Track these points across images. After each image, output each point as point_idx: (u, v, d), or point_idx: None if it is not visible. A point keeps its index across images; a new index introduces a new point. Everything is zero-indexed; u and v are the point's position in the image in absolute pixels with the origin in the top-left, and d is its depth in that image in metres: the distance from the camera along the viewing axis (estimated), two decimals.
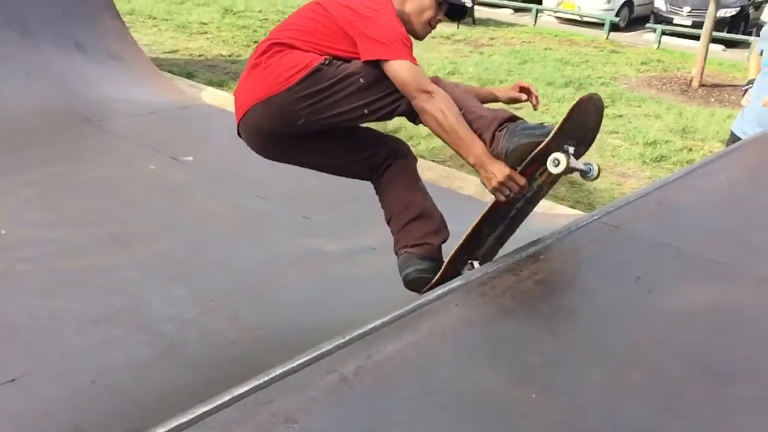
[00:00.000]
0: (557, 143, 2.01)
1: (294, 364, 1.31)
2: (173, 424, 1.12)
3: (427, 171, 5.81)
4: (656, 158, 6.59)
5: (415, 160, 2.60)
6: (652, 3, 14.50)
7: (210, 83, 7.73)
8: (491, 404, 1.29)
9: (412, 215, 2.43)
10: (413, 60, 2.19)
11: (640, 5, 15.10)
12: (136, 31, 9.68)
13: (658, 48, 12.31)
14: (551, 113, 7.90)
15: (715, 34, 10.31)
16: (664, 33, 12.65)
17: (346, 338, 1.43)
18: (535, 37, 12.59)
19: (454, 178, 5.71)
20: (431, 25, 2.41)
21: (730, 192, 2.56)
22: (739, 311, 1.75)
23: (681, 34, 12.88)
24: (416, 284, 2.35)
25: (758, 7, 14.12)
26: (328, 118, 2.24)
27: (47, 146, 5.20)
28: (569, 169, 2.02)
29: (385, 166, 2.51)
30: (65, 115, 5.71)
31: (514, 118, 2.17)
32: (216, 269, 3.82)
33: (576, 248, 1.99)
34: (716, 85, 9.65)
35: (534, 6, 14.64)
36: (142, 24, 10.90)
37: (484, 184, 2.14)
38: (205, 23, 11.39)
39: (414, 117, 2.26)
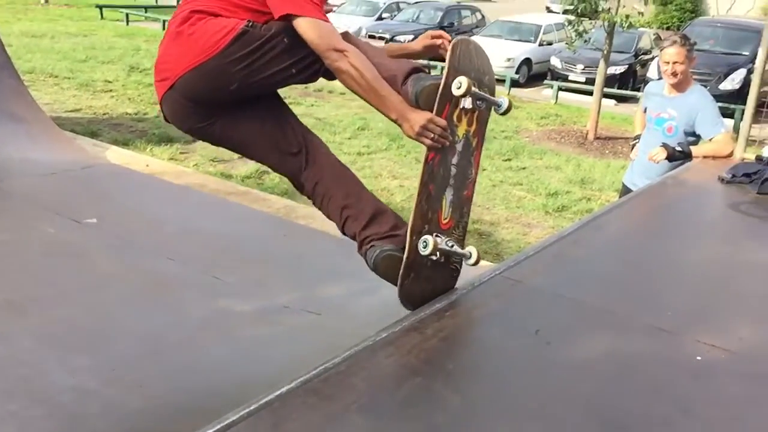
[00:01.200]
0: (454, 76, 2.14)
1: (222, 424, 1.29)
2: None
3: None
4: (558, 208, 6.89)
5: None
6: (549, 61, 15.35)
7: (114, 142, 7.57)
8: None
9: (367, 214, 2.36)
10: (324, 17, 2.17)
11: (538, 63, 15.94)
12: (37, 90, 9.40)
13: (555, 103, 12.99)
14: None
15: (607, 89, 11.00)
16: (560, 89, 13.38)
17: (252, 407, 1.42)
18: None
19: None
20: None
21: (621, 243, 2.72)
22: (632, 360, 1.84)
23: (576, 90, 13.65)
24: (385, 265, 2.23)
25: (644, 65, 15.17)
26: (259, 81, 2.21)
27: None
28: (474, 95, 2.12)
29: (309, 163, 2.43)
30: None
31: (417, 69, 2.24)
32: (120, 335, 3.67)
33: (479, 304, 2.05)
34: (610, 138, 10.25)
35: (439, 63, 15.20)
36: (43, 83, 10.59)
37: (408, 135, 2.16)
38: (109, 81, 11.18)
39: (333, 75, 2.24)
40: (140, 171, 6.55)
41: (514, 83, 14.06)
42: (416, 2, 21.75)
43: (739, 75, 12.74)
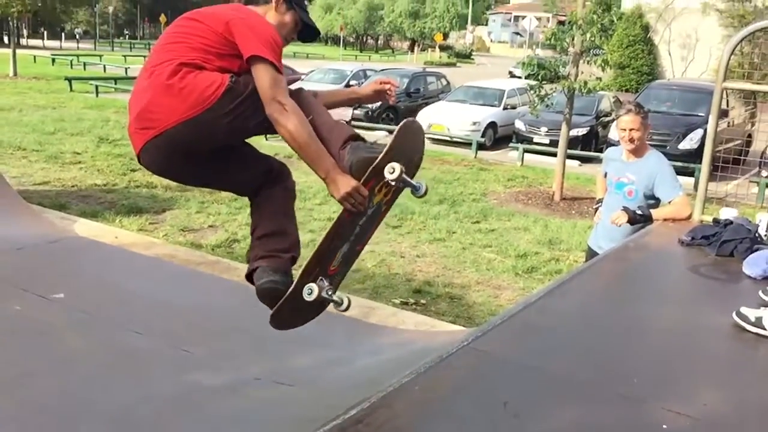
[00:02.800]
0: (390, 157, 2.29)
1: None
2: None
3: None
4: (528, 270, 6.98)
5: (294, 184, 2.78)
6: (513, 124, 15.76)
7: (83, 214, 7.53)
8: None
9: (271, 230, 2.62)
10: (280, 66, 2.31)
11: (503, 126, 16.36)
12: (4, 164, 9.38)
13: (521, 165, 13.28)
14: (428, 230, 8.24)
15: (570, 151, 11.30)
16: (525, 151, 13.70)
17: None
18: None
19: None
20: (286, 40, 2.55)
21: (587, 309, 2.77)
22: (599, 430, 1.87)
23: (541, 152, 13.99)
24: (268, 294, 2.49)
25: (605, 126, 15.66)
26: (241, 131, 2.43)
27: None
28: (401, 180, 2.29)
29: (266, 186, 2.65)
30: None
31: (356, 137, 2.41)
32: (87, 415, 3.59)
33: (448, 376, 2.07)
34: (576, 198, 10.47)
35: (377, 128, 15.53)
36: (11, 156, 10.56)
37: (332, 196, 2.34)
38: (78, 153, 11.19)
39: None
40: (109, 243, 6.51)
41: (481, 146, 14.38)
42: (382, 69, 22.31)
43: (696, 135, 13.20)
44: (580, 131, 14.55)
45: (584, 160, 13.71)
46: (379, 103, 17.99)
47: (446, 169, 12.22)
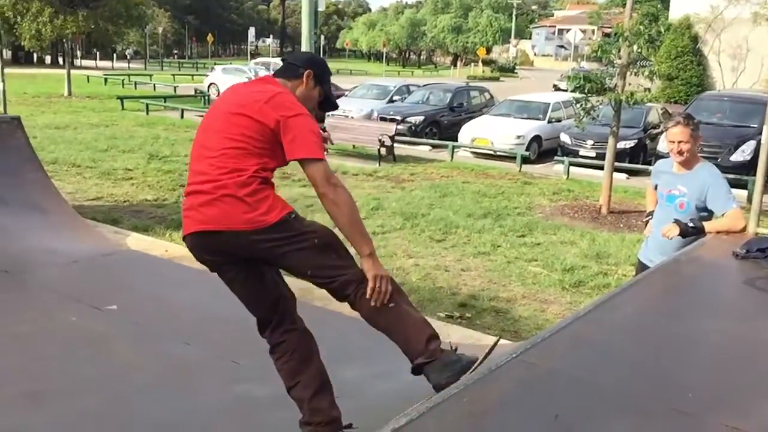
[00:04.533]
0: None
1: None
2: None
3: None
4: (575, 284, 6.88)
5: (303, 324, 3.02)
6: (559, 137, 15.61)
7: (135, 229, 7.72)
8: None
9: (315, 387, 2.89)
10: (324, 157, 2.59)
11: (548, 139, 16.21)
12: (60, 180, 9.68)
13: (567, 178, 13.12)
14: (473, 244, 8.20)
15: (618, 164, 11.13)
16: (571, 164, 13.55)
17: None
18: (452, 172, 13.23)
19: None
20: (310, 111, 2.74)
21: (638, 323, 2.72)
22: None
23: (587, 165, 13.81)
24: None
25: (653, 139, 15.39)
26: (280, 261, 2.62)
27: None
28: None
29: (285, 330, 2.92)
30: None
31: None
32: (139, 424, 3.68)
33: (497, 388, 2.06)
34: (623, 212, 10.30)
35: (450, 143, 15.50)
36: (66, 172, 10.91)
37: (366, 269, 2.58)
38: (130, 169, 11.50)
39: (339, 297, 2.70)
40: (160, 256, 6.67)
41: (525, 160, 14.27)
42: (426, 85, 22.35)
43: (749, 146, 12.87)
44: (628, 144, 14.32)
45: (632, 173, 13.49)
46: (422, 118, 18.05)
47: (490, 183, 12.16)
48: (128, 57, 52.63)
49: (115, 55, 51.35)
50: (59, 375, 4.10)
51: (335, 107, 2.99)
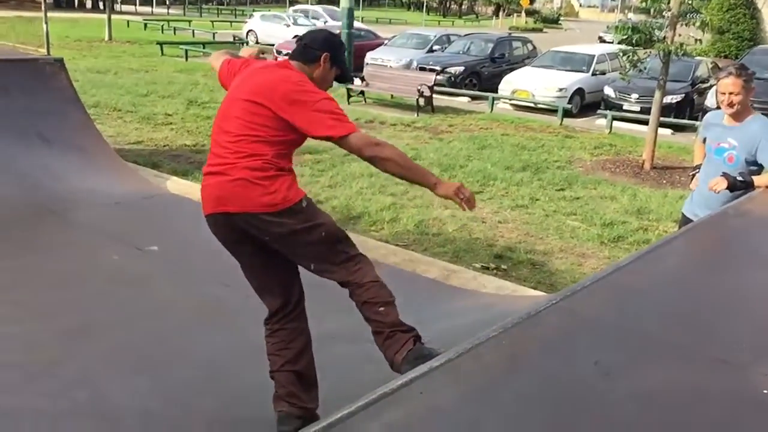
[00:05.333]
0: None
1: None
2: None
3: (391, 256, 5.89)
4: (614, 239, 6.78)
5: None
6: (602, 91, 15.22)
7: (174, 173, 7.80)
8: None
9: (302, 372, 2.97)
10: (355, 127, 2.65)
11: (590, 92, 15.81)
12: (102, 123, 9.80)
13: (609, 133, 12.83)
14: (511, 196, 8.12)
15: (663, 119, 10.83)
16: (614, 118, 13.22)
17: (317, 427, 1.45)
18: (492, 124, 13.04)
19: (418, 262, 5.79)
20: (327, 89, 2.85)
21: (682, 275, 2.67)
22: (696, 393, 1.81)
23: (631, 120, 13.48)
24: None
25: (701, 94, 14.90)
26: (288, 247, 2.70)
27: (8, 239, 5.16)
28: None
29: (289, 320, 2.99)
30: (29, 208, 5.70)
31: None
32: (180, 359, 3.78)
33: (536, 333, 2.05)
34: (667, 168, 10.06)
35: (490, 94, 15.24)
36: (107, 116, 11.03)
37: (447, 195, 2.69)
38: (169, 114, 11.58)
39: (342, 285, 2.82)
40: (198, 200, 6.74)
41: (567, 113, 13.97)
42: (467, 34, 21.89)
43: None
44: (674, 98, 13.91)
45: (677, 128, 13.13)
46: (462, 68, 17.74)
47: (530, 136, 11.97)
48: (167, 3, 52.59)
49: (154, 1, 51.31)
50: (102, 311, 4.21)
51: (350, 80, 3.09)
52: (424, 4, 55.02)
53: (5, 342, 3.68)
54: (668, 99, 12.45)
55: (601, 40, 31.95)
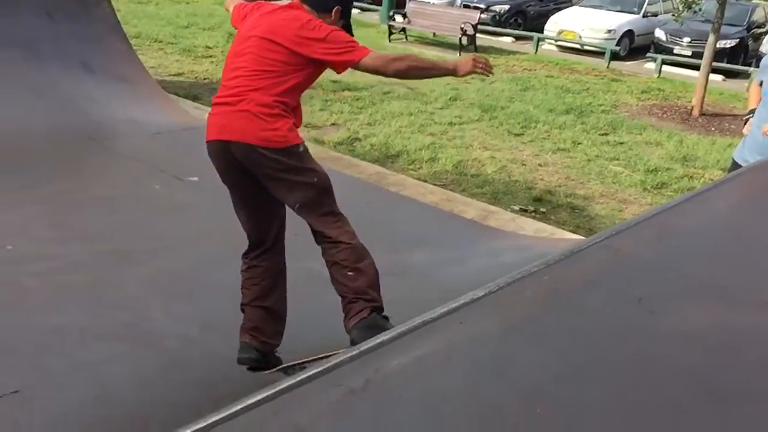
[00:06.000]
0: None
1: (302, 377, 1.33)
2: (187, 431, 1.13)
3: (429, 195, 5.86)
4: (657, 185, 6.64)
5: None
6: (653, 33, 14.67)
7: None
8: (497, 418, 1.31)
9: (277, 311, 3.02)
10: (370, 50, 2.70)
11: (640, 35, 15.25)
12: (143, 54, 9.78)
13: (658, 77, 12.43)
14: (552, 139, 7.97)
15: (715, 64, 10.43)
16: (664, 62, 12.78)
17: (353, 352, 1.45)
18: (536, 65, 12.72)
19: (456, 201, 5.75)
20: None
21: (731, 218, 2.59)
22: (740, 334, 1.77)
23: (681, 64, 13.02)
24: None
25: (757, 39, 14.28)
26: (276, 187, 2.72)
27: (53, 165, 5.24)
28: None
29: (268, 258, 3.01)
30: (70, 134, 5.76)
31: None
32: (217, 288, 3.83)
33: (579, 270, 2.01)
34: (716, 115, 9.74)
35: (535, 34, 14.81)
36: (149, 47, 11.02)
37: (466, 73, 2.76)
38: (210, 47, 11.51)
39: (316, 240, 2.84)
40: None
41: (614, 56, 13.54)
42: None
43: None
44: (728, 43, 13.36)
45: (729, 74, 12.64)
46: (507, 7, 17.22)
47: (575, 78, 11.65)
48: None
49: None
50: (144, 237, 4.28)
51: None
52: None
53: (51, 263, 3.77)
54: (722, 43, 11.96)
55: None
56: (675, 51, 13.77)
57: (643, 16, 15.67)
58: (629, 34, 15.18)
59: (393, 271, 4.27)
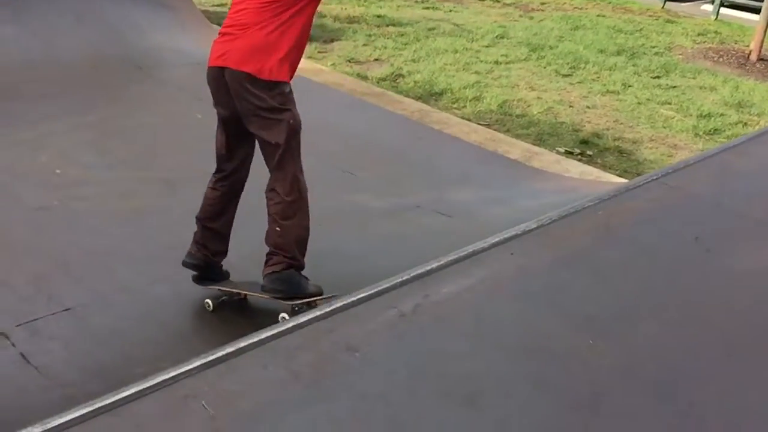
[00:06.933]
0: None
1: (354, 298, 1.32)
2: (241, 344, 1.14)
3: (472, 134, 5.77)
4: (709, 131, 6.42)
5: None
6: None
7: None
8: (548, 347, 1.29)
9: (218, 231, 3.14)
10: None
11: None
12: None
13: (716, 19, 11.88)
14: (602, 81, 7.74)
15: None
16: (722, 4, 12.20)
17: (404, 278, 1.44)
18: (587, 4, 12.26)
19: (500, 141, 5.66)
20: None
21: None
22: None
23: (740, 6, 12.42)
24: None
25: None
26: (252, 120, 2.81)
27: (98, 92, 5.28)
28: None
29: (233, 181, 3.13)
30: (116, 62, 5.78)
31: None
32: (258, 218, 3.85)
33: (634, 206, 1.96)
34: None
35: None
36: None
37: None
38: None
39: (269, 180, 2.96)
40: None
41: None
42: None
43: None
44: None
45: None
46: None
47: (628, 19, 11.21)
48: None
49: None
50: (188, 165, 4.29)
51: None
52: None
53: (98, 188, 3.84)
54: None
55: None
56: None
57: None
58: None
59: (435, 208, 4.27)
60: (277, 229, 2.89)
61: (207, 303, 2.94)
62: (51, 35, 5.79)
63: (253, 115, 2.81)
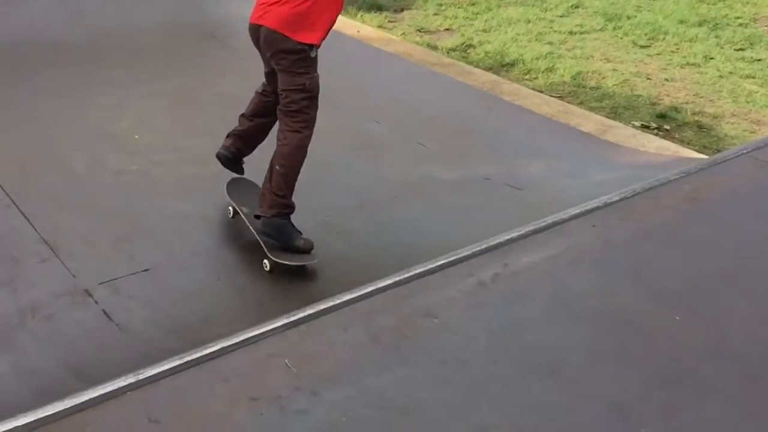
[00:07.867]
0: None
1: (433, 265, 1.32)
2: (322, 306, 1.16)
3: (544, 106, 5.64)
4: None
5: None
6: None
7: None
8: (632, 321, 1.26)
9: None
10: None
11: None
12: None
13: None
14: (682, 53, 7.43)
15: None
16: None
17: (483, 246, 1.43)
18: None
19: (573, 114, 5.52)
20: None
21: None
22: None
23: None
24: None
25: None
26: (278, 70, 3.15)
27: (174, 61, 5.39)
28: None
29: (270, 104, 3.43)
30: (191, 31, 5.88)
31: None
32: (331, 186, 3.89)
33: (722, 180, 1.88)
34: None
35: None
36: None
37: None
38: None
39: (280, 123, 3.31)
40: (352, 36, 6.69)
41: None
42: None
43: None
44: None
45: None
46: None
47: None
48: None
49: None
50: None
51: None
52: None
53: (175, 154, 3.94)
54: None
55: None
56: None
57: None
58: None
59: (506, 181, 4.22)
60: (277, 167, 3.16)
61: (228, 210, 3.35)
62: (129, 4, 5.94)
63: (280, 70, 3.13)
